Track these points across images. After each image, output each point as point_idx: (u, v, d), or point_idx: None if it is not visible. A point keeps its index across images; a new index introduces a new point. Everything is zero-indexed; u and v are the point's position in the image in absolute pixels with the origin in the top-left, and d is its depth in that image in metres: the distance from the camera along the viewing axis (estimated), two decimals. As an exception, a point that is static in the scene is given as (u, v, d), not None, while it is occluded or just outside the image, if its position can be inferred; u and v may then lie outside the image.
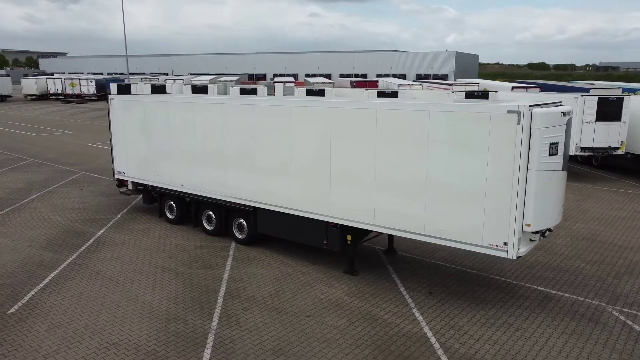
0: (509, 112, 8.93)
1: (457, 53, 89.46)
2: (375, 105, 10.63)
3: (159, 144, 14.99)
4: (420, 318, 9.83)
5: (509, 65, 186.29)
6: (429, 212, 10.07)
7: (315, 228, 11.99)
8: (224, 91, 38.21)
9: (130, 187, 16.56)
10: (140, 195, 17.18)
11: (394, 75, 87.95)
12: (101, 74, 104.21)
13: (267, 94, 32.28)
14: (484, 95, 25.14)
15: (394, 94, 27.81)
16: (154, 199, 16.38)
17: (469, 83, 42.17)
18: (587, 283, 11.56)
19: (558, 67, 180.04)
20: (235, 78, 57.90)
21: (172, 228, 15.22)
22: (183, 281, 11.45)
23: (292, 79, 60.30)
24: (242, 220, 13.71)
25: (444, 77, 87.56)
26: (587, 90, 35.50)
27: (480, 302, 10.57)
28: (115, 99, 16.25)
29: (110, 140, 16.65)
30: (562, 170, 9.63)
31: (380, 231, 11.11)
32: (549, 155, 9.14)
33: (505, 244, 9.33)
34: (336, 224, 11.62)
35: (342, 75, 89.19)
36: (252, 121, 12.61)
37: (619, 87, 36.67)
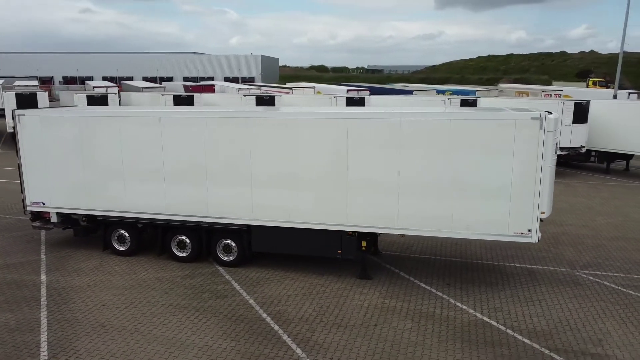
0: (532, 118, 10.51)
1: (262, 57, 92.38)
2: (399, 116, 11.21)
3: (106, 165, 12.88)
4: (465, 307, 10.84)
5: (294, 67, 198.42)
6: (456, 211, 11.11)
7: (328, 239, 11.99)
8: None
9: (53, 219, 13.75)
10: (45, 230, 14.40)
11: (202, 78, 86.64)
12: None
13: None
14: (361, 100, 27.27)
15: (272, 100, 28.08)
16: (89, 230, 13.93)
17: (306, 87, 44.41)
18: (542, 255, 14.03)
19: (335, 69, 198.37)
20: (35, 82, 50.09)
21: (130, 261, 13.24)
22: (213, 316, 10.34)
23: (110, 83, 54.69)
24: (229, 241, 12.77)
25: (251, 79, 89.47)
26: (411, 92, 40.98)
27: (490, 284, 12.06)
28: (28, 115, 13.29)
29: (19, 165, 13.58)
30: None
31: (405, 233, 11.76)
32: (554, 153, 11.05)
33: (529, 230, 10.94)
34: (353, 232, 11.85)
35: (145, 78, 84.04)
36: (247, 134, 11.92)
37: (434, 89, 43.24)
